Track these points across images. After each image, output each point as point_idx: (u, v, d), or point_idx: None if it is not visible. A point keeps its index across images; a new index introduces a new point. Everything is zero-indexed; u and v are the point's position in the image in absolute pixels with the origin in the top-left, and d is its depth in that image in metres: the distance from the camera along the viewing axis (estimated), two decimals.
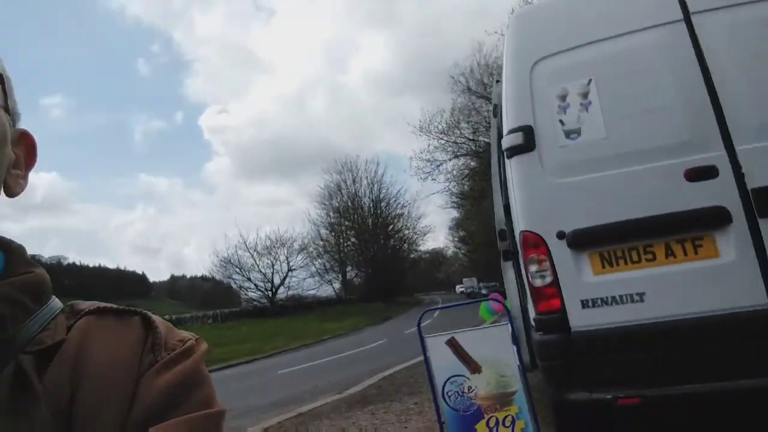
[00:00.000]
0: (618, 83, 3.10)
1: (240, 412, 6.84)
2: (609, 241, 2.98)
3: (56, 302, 0.52)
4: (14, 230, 0.56)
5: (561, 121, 3.17)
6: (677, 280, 2.83)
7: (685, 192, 2.80)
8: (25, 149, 0.54)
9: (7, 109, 0.51)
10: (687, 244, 2.85)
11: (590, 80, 3.15)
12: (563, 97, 3.20)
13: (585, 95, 3.17)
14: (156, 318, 0.53)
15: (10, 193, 0.51)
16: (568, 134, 3.16)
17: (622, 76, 3.11)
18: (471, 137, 29.22)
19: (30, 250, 0.54)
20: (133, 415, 0.44)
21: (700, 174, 2.79)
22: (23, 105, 0.56)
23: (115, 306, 0.53)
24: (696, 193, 2.78)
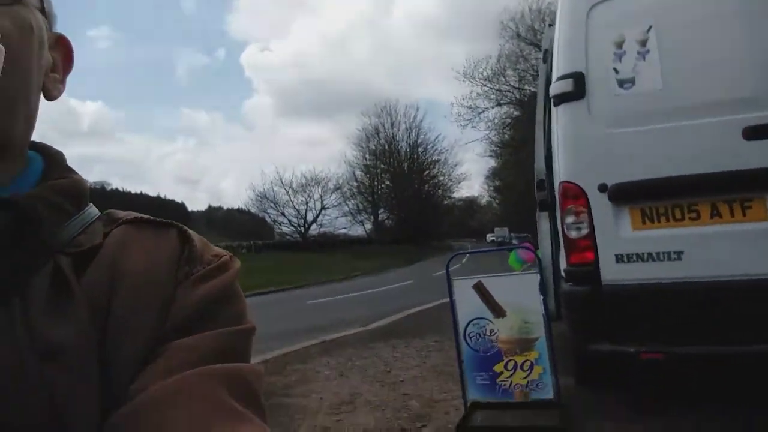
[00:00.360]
0: (680, 32, 2.92)
1: (268, 336, 7.16)
2: (653, 197, 2.90)
3: (93, 209, 0.52)
4: None
5: (615, 69, 3.03)
6: (720, 241, 2.75)
7: (740, 150, 2.68)
8: (62, 53, 0.53)
9: (42, 11, 0.49)
10: (735, 205, 2.75)
11: (650, 27, 2.97)
12: (620, 44, 3.04)
13: (643, 43, 3.00)
14: (192, 232, 0.52)
15: (49, 96, 0.50)
16: (621, 83, 3.02)
17: (685, 25, 2.91)
18: (516, 85, 28.23)
19: None
20: (167, 324, 0.44)
21: (760, 132, 2.65)
22: (70, 35, 0.54)
23: (152, 217, 0.53)
24: (752, 152, 2.65)
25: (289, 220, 42.67)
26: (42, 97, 0.49)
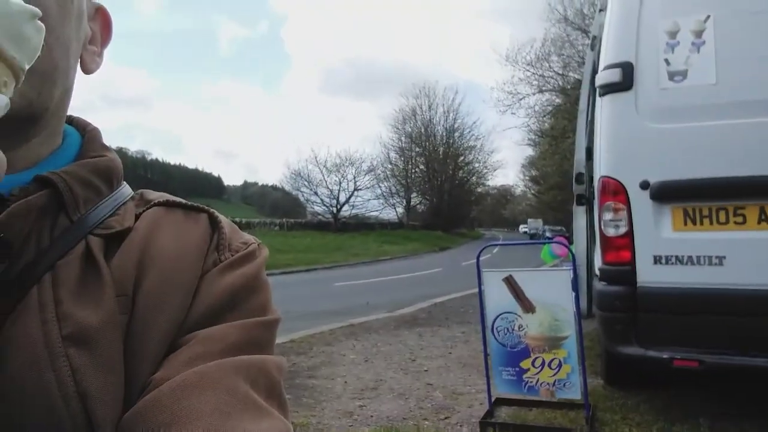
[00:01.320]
0: (741, 22, 2.75)
1: (295, 315, 7.25)
2: (697, 198, 2.77)
3: (127, 188, 0.52)
4: (103, 123, 0.55)
5: (666, 61, 2.88)
6: (766, 247, 2.61)
7: None
8: (101, 25, 0.52)
9: None
10: None
11: (708, 17, 2.80)
12: (673, 34, 2.88)
13: (699, 34, 2.83)
14: (222, 218, 0.52)
15: (86, 69, 0.50)
16: (672, 76, 2.87)
17: (747, 15, 2.74)
18: (560, 72, 27.25)
19: (117, 144, 0.53)
20: (193, 312, 0.44)
21: None
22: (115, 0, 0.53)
23: (183, 201, 0.53)
24: None
25: (322, 200, 42.89)
26: (79, 69, 0.49)
